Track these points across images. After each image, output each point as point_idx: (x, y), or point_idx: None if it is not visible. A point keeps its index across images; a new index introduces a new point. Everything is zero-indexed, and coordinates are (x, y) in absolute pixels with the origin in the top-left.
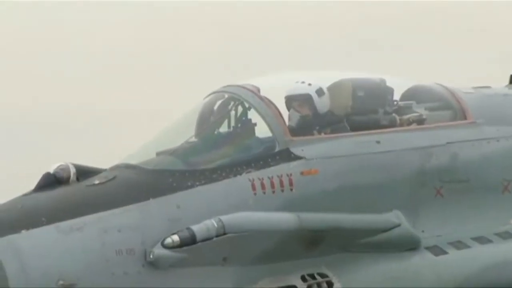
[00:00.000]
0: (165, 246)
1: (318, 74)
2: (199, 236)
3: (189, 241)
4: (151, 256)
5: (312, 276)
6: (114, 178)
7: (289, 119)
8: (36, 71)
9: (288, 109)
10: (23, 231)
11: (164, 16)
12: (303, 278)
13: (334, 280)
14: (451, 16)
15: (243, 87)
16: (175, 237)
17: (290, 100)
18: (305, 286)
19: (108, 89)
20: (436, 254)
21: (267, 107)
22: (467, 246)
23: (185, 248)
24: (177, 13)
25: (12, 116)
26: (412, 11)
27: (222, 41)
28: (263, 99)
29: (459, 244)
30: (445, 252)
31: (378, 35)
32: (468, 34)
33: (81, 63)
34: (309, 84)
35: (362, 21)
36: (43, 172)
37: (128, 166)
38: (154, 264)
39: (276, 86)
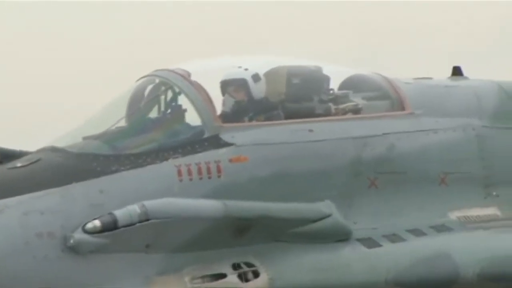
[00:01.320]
0: (86, 231)
1: (254, 59)
2: (121, 221)
3: (111, 226)
4: (71, 241)
5: (239, 265)
6: (37, 160)
7: (223, 104)
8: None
9: (223, 94)
10: None
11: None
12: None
13: (261, 270)
14: None
15: (173, 71)
16: (97, 222)
17: (225, 85)
18: (236, 275)
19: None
20: (369, 247)
21: (197, 92)
22: (402, 239)
23: (106, 233)
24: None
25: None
26: None
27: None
28: (193, 84)
29: (393, 237)
30: (379, 245)
31: None
32: None
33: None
34: (246, 69)
35: None
36: None
37: (53, 149)
38: (74, 249)
39: (209, 71)
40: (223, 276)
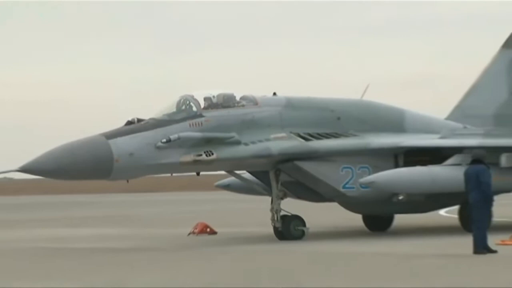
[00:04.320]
0: (161, 142)
1: (213, 91)
2: (172, 139)
3: (168, 140)
4: (157, 145)
5: (206, 151)
6: (147, 121)
7: (204, 104)
8: None
9: (204, 101)
10: (119, 138)
11: None
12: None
13: (214, 152)
14: None
15: (188, 95)
16: (164, 139)
17: (206, 99)
18: (204, 154)
19: None
20: (246, 145)
21: (196, 101)
22: (255, 143)
23: (167, 143)
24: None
25: None
26: None
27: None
28: (195, 99)
29: (252, 142)
30: (248, 145)
31: None
32: None
33: None
34: (211, 94)
35: None
36: None
37: (152, 119)
38: (158, 148)
39: (200, 94)
40: (201, 154)
